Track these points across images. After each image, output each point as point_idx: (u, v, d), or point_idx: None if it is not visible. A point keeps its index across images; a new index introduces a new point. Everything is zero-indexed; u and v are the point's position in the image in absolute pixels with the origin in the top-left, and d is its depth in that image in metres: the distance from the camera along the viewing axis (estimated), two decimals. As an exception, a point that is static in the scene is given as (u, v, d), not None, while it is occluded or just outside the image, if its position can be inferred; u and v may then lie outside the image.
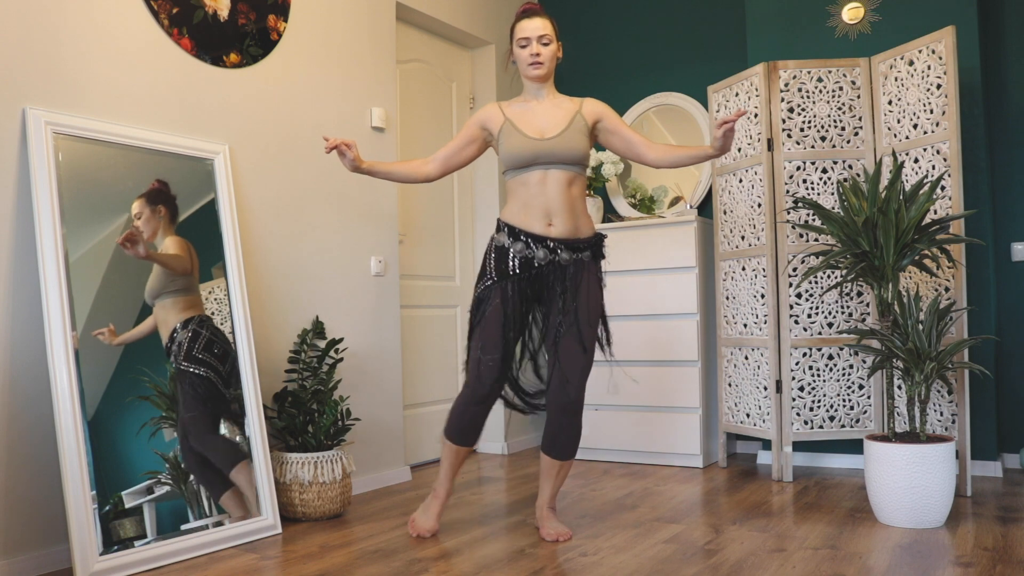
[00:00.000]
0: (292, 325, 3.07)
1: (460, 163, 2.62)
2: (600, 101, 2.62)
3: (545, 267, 2.46)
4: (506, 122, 2.52)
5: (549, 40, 2.55)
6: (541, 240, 2.45)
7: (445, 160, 2.60)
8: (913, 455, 2.54)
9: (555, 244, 2.45)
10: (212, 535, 2.45)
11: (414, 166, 2.61)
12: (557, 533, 2.50)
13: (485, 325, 2.45)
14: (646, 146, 2.56)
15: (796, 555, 2.28)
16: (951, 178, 3.05)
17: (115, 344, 2.42)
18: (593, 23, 4.56)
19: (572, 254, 2.48)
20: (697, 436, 3.65)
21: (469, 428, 2.53)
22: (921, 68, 3.16)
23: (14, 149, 2.28)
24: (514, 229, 2.47)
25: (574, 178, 2.50)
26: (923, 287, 3.17)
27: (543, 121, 2.52)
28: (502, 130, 2.52)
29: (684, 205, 4.04)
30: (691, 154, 2.50)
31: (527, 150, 2.45)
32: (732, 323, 3.60)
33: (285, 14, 3.08)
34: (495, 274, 2.47)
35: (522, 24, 2.55)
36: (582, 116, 2.54)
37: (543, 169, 2.46)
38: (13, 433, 2.24)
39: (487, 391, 2.47)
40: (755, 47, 3.77)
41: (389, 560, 2.32)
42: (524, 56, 2.54)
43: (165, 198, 2.64)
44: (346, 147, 2.47)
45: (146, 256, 2.54)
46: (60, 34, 2.40)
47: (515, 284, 2.45)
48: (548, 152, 2.45)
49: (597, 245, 2.57)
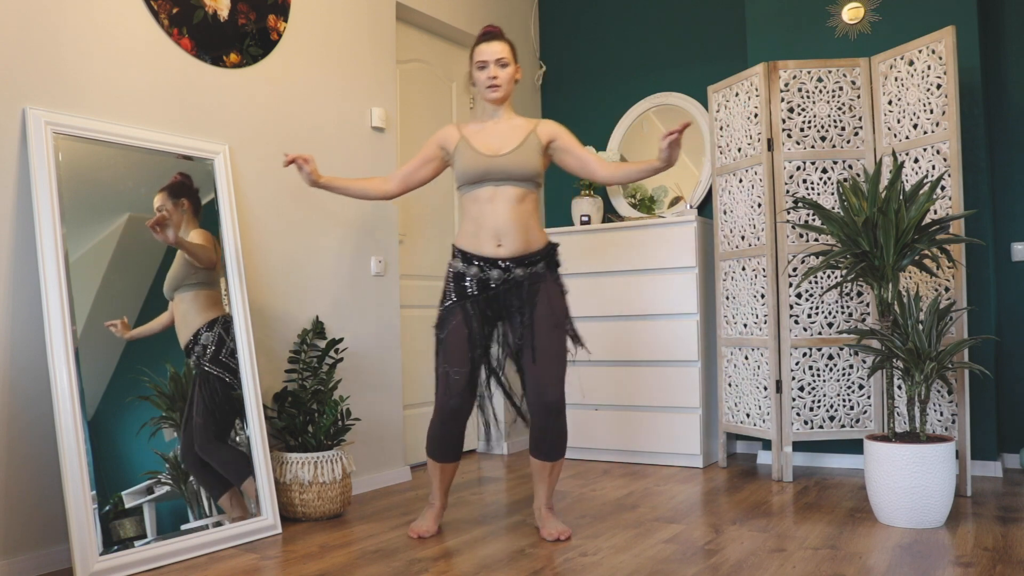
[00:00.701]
0: (292, 325, 3.07)
1: (419, 181, 2.71)
2: (556, 122, 2.69)
3: (501, 286, 2.53)
4: (461, 140, 2.59)
5: (507, 63, 2.59)
6: (492, 262, 2.52)
7: (404, 178, 2.69)
8: (913, 455, 2.54)
9: (507, 263, 2.52)
10: (212, 535, 2.45)
11: (374, 184, 2.69)
12: (558, 532, 2.51)
13: (450, 342, 2.52)
14: (598, 164, 2.65)
15: (796, 555, 2.28)
16: (951, 178, 3.05)
17: (127, 338, 2.42)
18: (593, 23, 4.56)
19: (526, 269, 2.54)
20: (697, 436, 3.65)
21: (448, 445, 2.59)
22: (921, 68, 3.16)
23: (14, 149, 2.28)
24: (467, 255, 2.54)
25: (525, 195, 2.56)
26: (923, 287, 3.17)
27: (498, 140, 2.59)
28: (457, 147, 2.59)
29: (684, 205, 4.04)
30: (639, 168, 2.56)
31: (478, 166, 2.52)
32: (732, 323, 3.60)
33: (285, 14, 3.08)
34: (455, 295, 2.55)
35: (480, 48, 2.59)
36: (536, 135, 2.60)
37: (493, 186, 2.53)
38: (13, 433, 2.24)
39: (457, 406, 2.51)
40: (755, 47, 3.77)
41: (389, 560, 2.32)
42: (482, 79, 2.59)
43: (188, 191, 2.65)
44: (303, 161, 2.55)
45: (175, 242, 2.55)
46: (60, 34, 2.40)
47: (475, 303, 2.53)
48: (499, 169, 2.52)
49: (550, 255, 2.62)
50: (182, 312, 2.58)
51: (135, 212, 2.52)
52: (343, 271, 3.30)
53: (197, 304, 2.62)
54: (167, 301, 2.56)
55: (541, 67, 4.69)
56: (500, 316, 2.57)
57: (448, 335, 2.53)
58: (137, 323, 2.48)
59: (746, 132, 3.52)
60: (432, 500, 2.68)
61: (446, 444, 2.58)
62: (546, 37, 4.70)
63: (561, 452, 2.56)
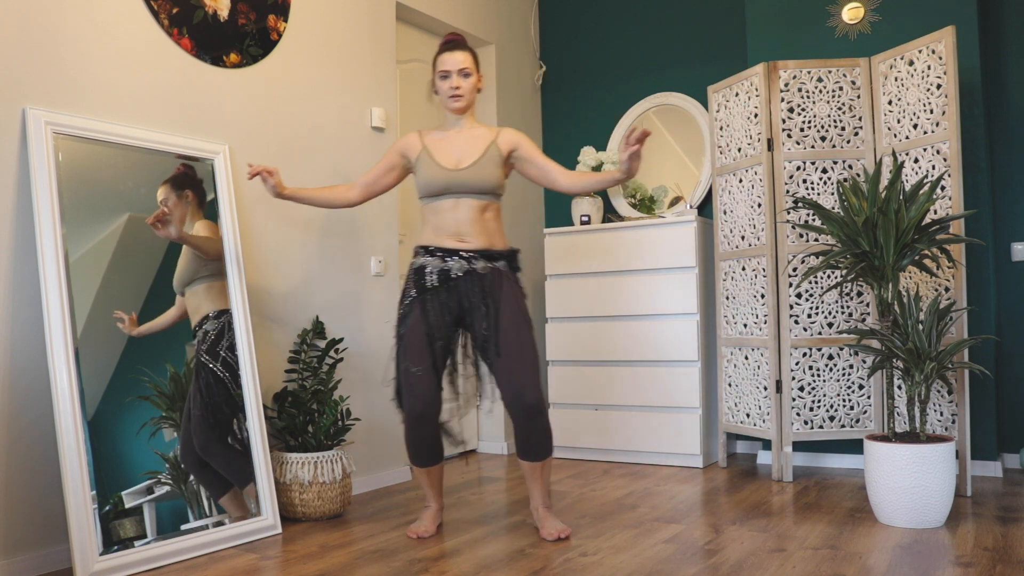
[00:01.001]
0: (292, 325, 3.07)
1: (382, 189, 2.73)
2: (517, 131, 2.70)
3: (463, 277, 2.52)
4: (423, 150, 2.61)
5: (469, 72, 2.61)
6: (454, 252, 2.52)
7: (367, 186, 2.71)
8: (913, 455, 2.54)
9: (469, 254, 2.52)
10: (212, 535, 2.45)
11: (338, 192, 2.70)
12: (558, 531, 2.51)
13: (409, 338, 2.51)
14: (560, 173, 2.65)
15: (796, 555, 2.28)
16: (951, 178, 3.05)
17: (134, 334, 2.43)
18: (593, 23, 4.56)
19: (488, 263, 2.54)
20: (697, 436, 3.65)
21: (425, 448, 2.58)
22: (921, 68, 3.16)
23: (14, 149, 2.28)
24: (428, 247, 2.56)
25: (486, 206, 2.58)
26: (923, 287, 3.17)
27: (459, 151, 2.59)
28: (419, 158, 2.61)
29: (684, 205, 4.04)
30: (601, 179, 2.58)
31: (440, 179, 2.54)
32: (732, 323, 3.60)
33: (285, 14, 3.08)
34: (414, 291, 2.54)
35: (443, 57, 2.61)
36: (497, 146, 2.60)
37: (455, 198, 2.55)
38: (13, 433, 2.24)
39: (424, 407, 2.48)
40: (755, 47, 3.77)
41: (389, 560, 2.32)
42: (445, 88, 2.61)
43: (192, 182, 2.66)
44: (268, 174, 2.56)
45: (177, 238, 2.54)
46: (60, 34, 2.40)
47: (434, 296, 2.52)
48: (460, 182, 2.53)
49: (512, 257, 2.63)
50: (194, 305, 2.60)
51: (135, 212, 2.52)
52: (343, 271, 3.30)
53: (210, 295, 2.65)
54: (167, 301, 2.56)
55: (541, 67, 4.69)
56: (462, 309, 2.53)
57: (407, 331, 2.51)
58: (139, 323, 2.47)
59: (746, 132, 3.52)
60: (428, 502, 2.69)
61: (423, 448, 2.57)
62: (546, 37, 4.70)
63: (548, 451, 2.54)
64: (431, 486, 2.66)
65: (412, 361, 2.48)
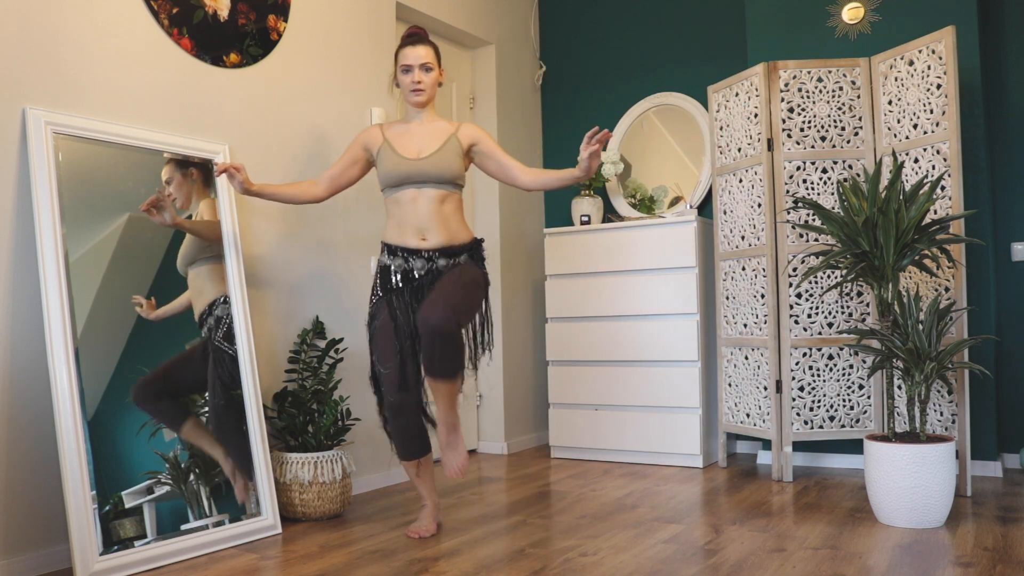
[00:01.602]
0: (292, 325, 3.07)
1: (347, 182, 2.75)
2: (477, 126, 2.74)
3: (424, 276, 2.58)
4: (384, 143, 2.64)
5: (431, 67, 2.65)
6: (416, 252, 2.58)
7: (331, 180, 2.72)
8: (913, 455, 2.54)
9: (430, 253, 2.58)
10: (212, 535, 2.45)
11: (303, 188, 2.71)
12: (458, 466, 2.51)
13: (378, 337, 2.57)
14: (520, 170, 2.69)
15: (796, 555, 2.28)
16: (951, 178, 3.05)
17: (151, 318, 2.45)
18: (593, 23, 4.56)
19: (448, 259, 2.59)
20: (697, 436, 3.65)
21: (408, 439, 2.59)
22: (921, 68, 3.16)
23: (14, 149, 2.28)
24: (391, 247, 2.61)
25: (446, 196, 2.61)
26: (923, 287, 3.17)
27: (419, 142, 2.64)
28: (380, 150, 2.64)
29: (684, 205, 4.04)
30: (558, 177, 2.62)
31: (400, 169, 2.58)
32: (732, 323, 3.60)
33: (285, 14, 3.08)
34: (381, 291, 2.61)
35: (405, 51, 2.64)
36: (457, 139, 2.65)
37: (415, 188, 2.59)
38: (13, 433, 2.24)
39: (397, 399, 2.51)
40: (755, 47, 3.77)
41: (389, 560, 2.32)
42: (407, 82, 2.65)
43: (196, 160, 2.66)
44: (235, 170, 2.53)
45: (173, 224, 2.54)
46: (60, 34, 2.40)
47: (400, 296, 2.58)
48: (419, 172, 2.57)
49: (475, 248, 2.67)
50: (198, 286, 2.61)
51: (135, 212, 2.52)
52: (343, 271, 3.30)
53: (213, 277, 2.66)
54: (168, 299, 2.57)
55: (541, 67, 4.69)
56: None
57: (377, 331, 2.58)
58: (136, 324, 2.48)
59: (746, 132, 3.52)
60: (423, 501, 2.69)
61: (406, 439, 2.58)
62: (546, 37, 4.70)
63: (452, 373, 2.42)
64: (422, 481, 2.65)
65: (382, 359, 2.55)
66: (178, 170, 2.62)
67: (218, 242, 2.69)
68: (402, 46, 2.65)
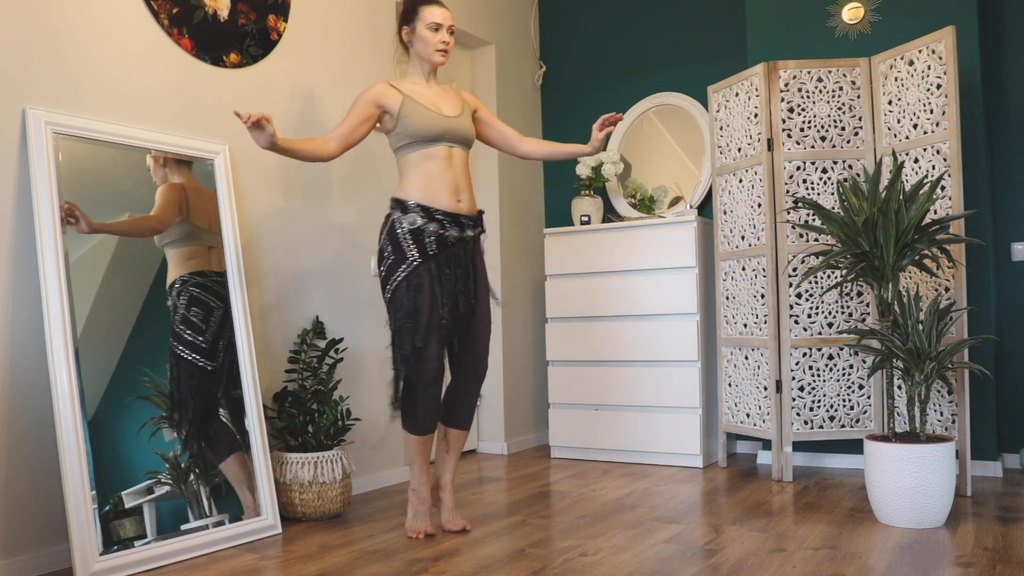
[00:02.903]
0: (292, 325, 3.07)
1: (356, 140, 2.60)
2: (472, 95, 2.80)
3: (456, 244, 2.54)
4: (406, 98, 2.57)
5: (453, 30, 2.66)
6: (454, 217, 2.53)
7: (343, 138, 2.56)
8: (913, 455, 2.54)
9: (464, 220, 2.56)
10: (212, 535, 2.45)
11: (316, 145, 2.51)
12: (464, 522, 2.63)
13: (422, 307, 2.45)
14: (518, 139, 2.78)
15: (796, 555, 2.28)
16: (951, 178, 3.05)
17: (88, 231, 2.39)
18: (593, 23, 4.56)
19: (474, 229, 2.61)
20: (697, 436, 3.65)
21: (433, 411, 2.54)
22: (921, 68, 3.16)
23: (14, 149, 2.28)
24: (427, 208, 2.50)
25: (467, 158, 2.65)
26: (923, 287, 3.17)
27: (441, 102, 2.63)
28: (404, 105, 2.56)
29: (684, 205, 4.04)
30: (565, 150, 2.72)
31: (438, 125, 2.55)
32: (732, 323, 3.60)
33: (285, 14, 3.08)
34: (419, 255, 2.48)
35: (433, 9, 2.61)
36: (466, 103, 2.69)
37: (448, 145, 2.57)
38: (13, 433, 2.24)
39: (434, 374, 2.48)
40: (755, 47, 3.77)
41: (389, 560, 2.32)
42: (434, 41, 2.61)
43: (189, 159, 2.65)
44: (266, 121, 2.32)
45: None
46: (60, 34, 2.40)
47: (438, 263, 2.50)
48: (454, 130, 2.57)
49: (481, 218, 2.70)
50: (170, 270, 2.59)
51: (135, 212, 2.52)
52: (343, 271, 3.30)
53: (174, 261, 2.60)
54: (167, 300, 2.57)
55: (541, 67, 4.69)
56: (455, 276, 2.54)
57: (422, 300, 2.45)
58: (136, 324, 2.47)
59: (746, 132, 3.52)
60: (418, 490, 2.61)
61: (431, 410, 2.52)
62: (546, 37, 4.70)
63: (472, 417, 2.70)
64: (425, 460, 2.59)
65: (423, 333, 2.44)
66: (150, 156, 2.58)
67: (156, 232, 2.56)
68: (424, 3, 2.60)
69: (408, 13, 2.64)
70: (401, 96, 2.57)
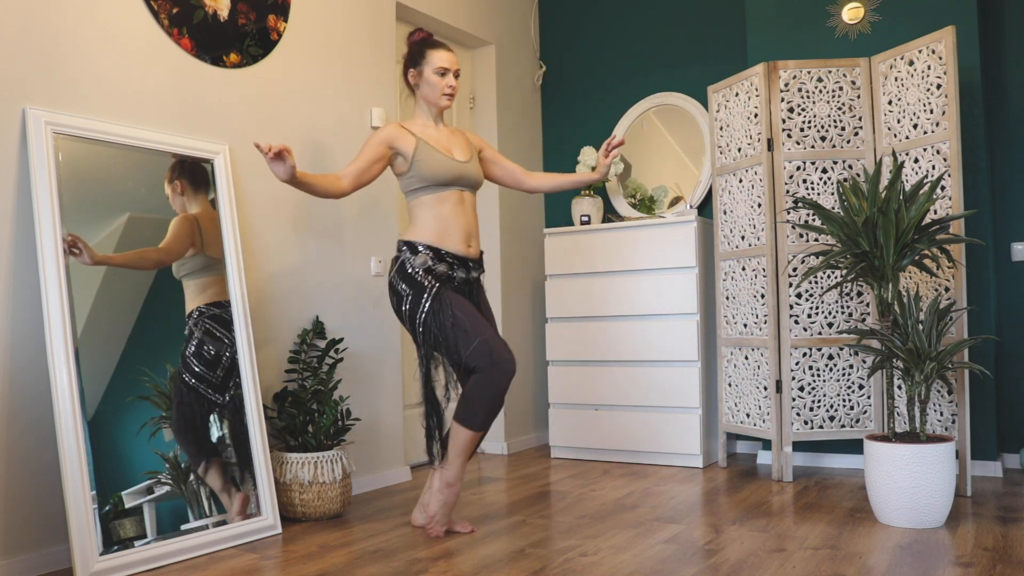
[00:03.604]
0: (292, 325, 3.07)
1: (369, 179, 2.62)
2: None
3: (460, 286, 2.61)
4: (420, 142, 2.60)
5: (459, 74, 2.70)
6: (462, 261, 2.60)
7: (357, 176, 2.57)
8: (913, 455, 2.54)
9: (472, 264, 2.63)
10: (212, 535, 2.45)
11: (331, 181, 2.52)
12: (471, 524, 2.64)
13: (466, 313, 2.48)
14: (524, 174, 2.84)
15: (796, 555, 2.28)
16: (951, 178, 3.05)
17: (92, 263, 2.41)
18: (593, 23, 4.56)
19: (479, 272, 2.68)
20: (697, 436, 3.65)
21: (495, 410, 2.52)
22: (921, 68, 3.16)
23: (14, 149, 2.28)
24: (438, 250, 2.55)
25: (475, 200, 2.71)
26: (923, 287, 3.17)
27: (452, 146, 2.66)
28: (418, 149, 2.58)
29: (684, 205, 4.04)
30: (572, 180, 2.82)
31: (452, 171, 2.58)
32: (732, 323, 3.60)
33: (285, 14, 3.08)
34: (435, 280, 2.53)
35: (440, 53, 2.65)
36: (473, 146, 2.73)
37: (459, 190, 2.61)
38: (13, 433, 2.24)
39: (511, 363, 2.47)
40: (755, 47, 3.77)
41: (389, 560, 2.32)
42: (441, 85, 2.65)
43: (182, 170, 2.65)
44: (287, 153, 2.32)
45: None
46: (60, 34, 2.40)
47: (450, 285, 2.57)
48: (467, 175, 2.62)
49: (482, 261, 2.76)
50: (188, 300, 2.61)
51: (135, 212, 2.52)
52: (343, 271, 3.30)
53: (191, 292, 2.62)
54: (168, 300, 2.57)
55: (541, 67, 4.69)
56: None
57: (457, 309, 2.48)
58: (136, 324, 2.48)
59: (746, 132, 3.52)
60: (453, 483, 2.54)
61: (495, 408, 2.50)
62: (546, 37, 4.70)
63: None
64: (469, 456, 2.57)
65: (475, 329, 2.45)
66: (168, 183, 2.61)
67: (161, 266, 2.56)
68: (432, 47, 2.64)
69: (415, 56, 2.66)
70: (415, 139, 2.59)
